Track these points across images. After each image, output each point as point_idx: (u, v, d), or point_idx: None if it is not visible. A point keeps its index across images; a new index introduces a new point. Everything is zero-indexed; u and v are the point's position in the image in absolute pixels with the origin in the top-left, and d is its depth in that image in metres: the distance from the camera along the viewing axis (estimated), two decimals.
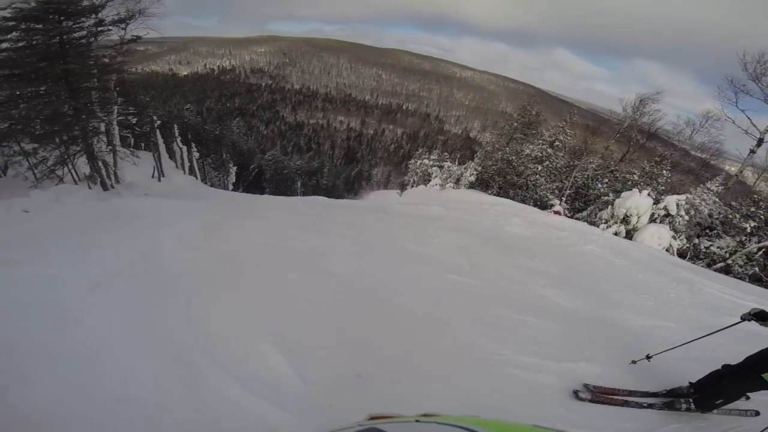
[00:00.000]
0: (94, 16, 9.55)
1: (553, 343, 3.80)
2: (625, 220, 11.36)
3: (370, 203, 14.81)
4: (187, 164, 23.82)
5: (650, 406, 3.18)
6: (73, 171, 11.53)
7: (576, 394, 3.15)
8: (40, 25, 8.28)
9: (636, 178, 14.05)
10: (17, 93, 8.94)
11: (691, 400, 3.16)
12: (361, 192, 54.05)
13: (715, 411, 3.14)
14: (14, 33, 8.25)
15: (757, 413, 3.18)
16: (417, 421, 0.68)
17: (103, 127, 10.66)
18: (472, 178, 15.45)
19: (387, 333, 3.55)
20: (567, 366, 3.48)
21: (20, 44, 8.47)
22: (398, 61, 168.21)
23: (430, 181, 18.24)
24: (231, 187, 30.07)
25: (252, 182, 36.29)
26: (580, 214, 13.88)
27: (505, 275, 5.52)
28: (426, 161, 20.72)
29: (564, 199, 14.43)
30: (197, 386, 2.63)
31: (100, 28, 9.92)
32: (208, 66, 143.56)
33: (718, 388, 3.01)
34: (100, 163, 10.42)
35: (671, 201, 11.78)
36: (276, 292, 4.05)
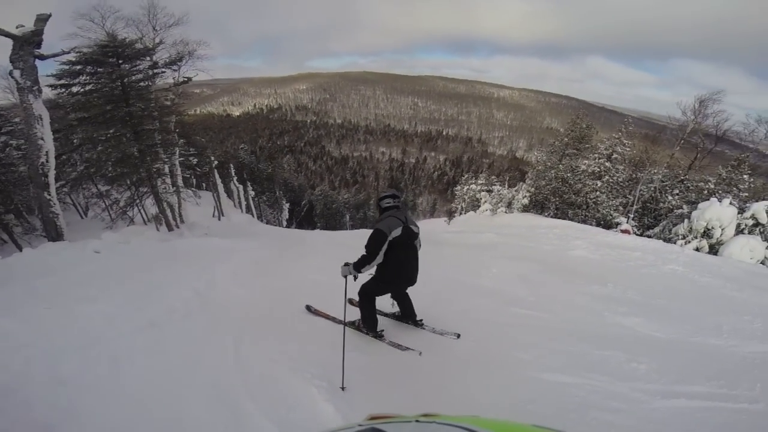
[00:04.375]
0: (148, 59, 10.60)
1: (650, 379, 3.29)
2: (707, 233, 10.19)
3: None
4: (243, 203, 25.18)
5: (347, 324, 3.62)
6: (142, 211, 12.52)
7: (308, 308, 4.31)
8: (102, 69, 9.31)
9: (712, 186, 12.67)
10: (90, 136, 9.96)
11: (360, 320, 3.84)
12: None
13: (426, 328, 3.94)
14: (82, 77, 9.36)
15: (458, 336, 3.79)
16: (417, 421, 0.65)
17: (167, 169, 11.54)
18: (525, 201, 14.76)
19: (442, 376, 3.27)
20: (670, 406, 2.97)
21: (88, 87, 9.58)
22: (433, 87, 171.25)
23: (479, 206, 17.67)
24: (285, 223, 31.32)
25: (304, 217, 37.65)
26: (650, 231, 12.66)
27: (575, 305, 5.00)
28: (473, 186, 20.20)
29: (631, 216, 13.27)
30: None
31: (155, 71, 11.01)
32: (257, 106, 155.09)
33: None
34: (165, 204, 11.19)
35: (760, 208, 10.47)
36: (325, 331, 3.92)
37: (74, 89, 9.53)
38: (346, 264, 3.41)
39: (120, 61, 9.35)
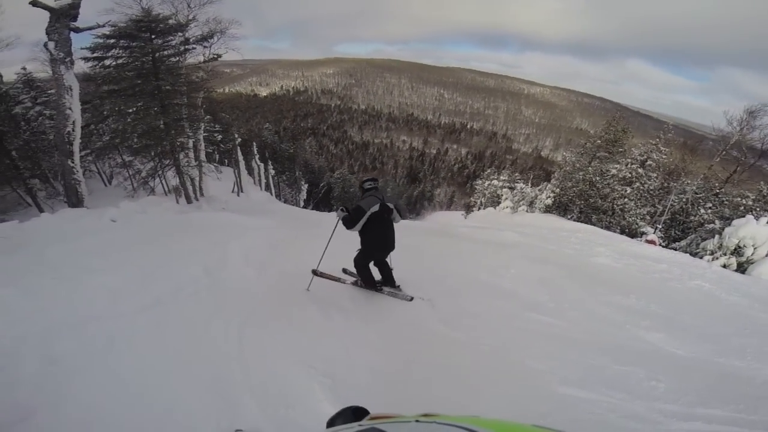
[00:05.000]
0: (180, 34, 10.60)
1: (668, 399, 3.14)
2: (737, 251, 9.68)
3: (434, 225, 14.28)
4: (263, 180, 25.37)
5: (353, 284, 4.78)
6: (164, 182, 12.74)
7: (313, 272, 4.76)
8: (134, 43, 9.37)
9: (750, 202, 11.99)
10: (119, 108, 10.09)
11: (361, 282, 4.65)
12: (423, 212, 53.29)
13: (386, 292, 4.59)
14: (115, 50, 9.48)
15: (411, 298, 4.48)
16: (417, 421, 0.65)
17: (191, 143, 11.62)
18: (549, 201, 14.33)
19: (449, 382, 3.12)
20: (687, 428, 2.84)
21: (119, 61, 9.69)
22: (460, 79, 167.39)
23: (499, 203, 17.26)
24: (302, 203, 31.46)
25: (321, 199, 37.79)
26: (677, 243, 12.14)
27: (596, 315, 4.80)
28: (495, 182, 19.71)
29: (659, 226, 12.75)
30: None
31: (186, 47, 11.01)
32: (284, 87, 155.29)
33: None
34: (186, 177, 11.31)
35: None
36: (335, 323, 3.83)
37: (107, 62, 9.64)
38: (342, 210, 4.30)
39: (152, 36, 9.39)
